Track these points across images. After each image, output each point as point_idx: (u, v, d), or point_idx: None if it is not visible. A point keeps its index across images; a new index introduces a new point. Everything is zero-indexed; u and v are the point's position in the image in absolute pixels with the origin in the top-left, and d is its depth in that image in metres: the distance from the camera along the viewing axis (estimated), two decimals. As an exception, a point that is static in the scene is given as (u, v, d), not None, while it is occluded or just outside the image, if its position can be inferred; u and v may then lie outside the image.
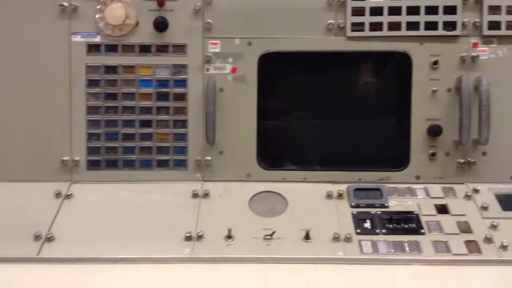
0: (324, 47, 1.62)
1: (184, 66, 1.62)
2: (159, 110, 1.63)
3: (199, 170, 1.62)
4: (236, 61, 1.62)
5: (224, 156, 1.62)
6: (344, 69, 1.68)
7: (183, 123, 1.63)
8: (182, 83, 1.63)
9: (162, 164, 1.63)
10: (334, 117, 1.67)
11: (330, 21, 1.60)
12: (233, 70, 1.62)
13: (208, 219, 1.47)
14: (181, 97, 1.63)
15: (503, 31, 1.57)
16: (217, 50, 1.62)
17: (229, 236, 1.40)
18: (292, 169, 1.64)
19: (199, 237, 1.40)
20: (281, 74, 1.67)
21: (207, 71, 1.62)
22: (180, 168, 1.63)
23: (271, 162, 1.64)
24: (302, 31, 1.61)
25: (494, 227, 1.41)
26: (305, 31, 1.61)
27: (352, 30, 1.60)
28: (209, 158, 1.62)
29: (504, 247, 1.34)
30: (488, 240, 1.37)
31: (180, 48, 1.62)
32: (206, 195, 1.56)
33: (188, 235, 1.39)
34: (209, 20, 1.61)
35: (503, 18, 1.57)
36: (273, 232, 1.41)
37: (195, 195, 1.56)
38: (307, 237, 1.39)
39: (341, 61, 1.66)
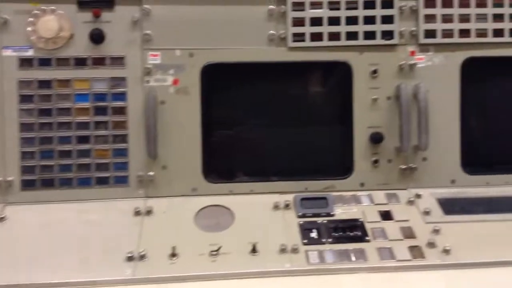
0: (266, 58, 1.61)
1: (122, 79, 1.57)
2: (97, 125, 1.56)
3: (141, 187, 1.57)
4: (177, 72, 1.58)
5: (168, 171, 1.58)
6: (287, 79, 1.68)
7: (123, 138, 1.57)
8: (121, 96, 1.57)
9: (102, 181, 1.57)
10: (279, 127, 1.66)
11: (271, 32, 1.60)
12: (175, 82, 1.59)
13: (151, 238, 1.42)
14: (121, 110, 1.57)
15: (439, 39, 1.62)
16: (158, 62, 1.58)
17: (173, 254, 1.35)
18: (238, 181, 1.62)
19: (142, 257, 1.34)
20: (224, 85, 1.64)
21: (148, 83, 1.57)
22: (121, 185, 1.57)
23: (217, 175, 1.61)
24: (244, 42, 1.60)
25: (436, 231, 1.43)
26: (247, 42, 1.60)
27: (293, 41, 1.60)
28: (151, 173, 1.57)
29: (446, 251, 1.36)
30: (431, 244, 1.39)
31: (118, 61, 1.57)
32: (149, 212, 1.50)
33: (130, 255, 1.34)
34: (148, 31, 1.57)
35: (438, 26, 1.61)
36: (219, 248, 1.37)
37: (137, 213, 1.50)
38: (253, 250, 1.37)
39: (284, 71, 1.66)
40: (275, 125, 1.66)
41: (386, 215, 1.51)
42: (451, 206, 1.52)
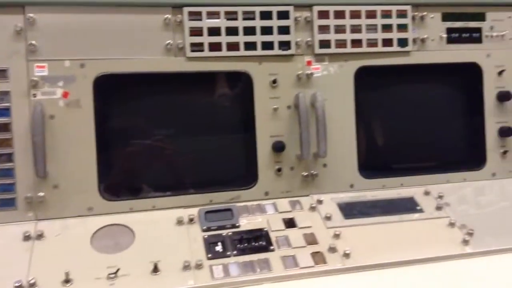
0: (164, 68, 1.56)
1: (6, 93, 1.44)
2: (-22, 144, 1.42)
3: (31, 209, 1.45)
4: (67, 84, 1.48)
5: (60, 190, 1.47)
6: (188, 89, 1.64)
7: (9, 157, 1.44)
8: (5, 112, 1.44)
9: (-14, 205, 1.42)
10: (180, 139, 1.62)
11: (168, 42, 1.55)
12: (65, 95, 1.48)
13: (42, 264, 1.30)
14: (4, 127, 1.44)
15: (333, 49, 1.67)
16: (45, 74, 1.47)
17: (66, 281, 1.25)
18: (139, 198, 1.55)
19: (32, 285, 1.23)
20: (121, 96, 1.57)
21: (34, 97, 1.46)
22: (8, 208, 1.44)
23: (115, 192, 1.53)
24: (140, 52, 1.54)
25: (337, 236, 1.47)
26: (143, 51, 1.54)
27: (192, 51, 1.57)
28: (42, 194, 1.45)
29: (346, 255, 1.40)
30: (332, 249, 1.42)
31: (0, 73, 1.44)
32: (40, 236, 1.39)
33: (18, 284, 1.22)
34: (33, 42, 1.45)
35: (332, 37, 1.67)
36: (118, 270, 1.30)
37: (26, 238, 1.38)
38: (155, 270, 1.31)
39: (184, 81, 1.62)
40: (176, 137, 1.61)
41: (290, 223, 1.52)
42: (350, 210, 1.57)
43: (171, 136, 1.61)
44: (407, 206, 1.59)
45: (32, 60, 1.46)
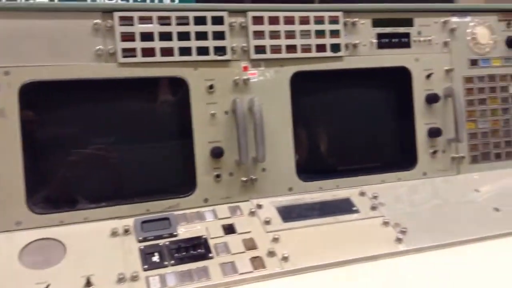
0: (95, 75, 1.51)
1: None
2: None
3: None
4: (-10, 93, 1.41)
5: (-16, 204, 1.38)
6: (121, 96, 1.59)
7: None
8: None
9: None
10: (114, 147, 1.57)
11: (99, 47, 1.51)
12: (-12, 104, 1.41)
13: (-37, 285, 1.22)
14: None
15: (268, 55, 1.68)
16: (-35, 82, 1.39)
17: (-9, 300, 1.18)
18: (70, 210, 1.48)
19: (-49, 309, 1.15)
20: (49, 105, 1.50)
21: (-47, 107, 1.37)
22: None
23: (44, 205, 1.46)
24: (69, 58, 1.48)
25: (276, 239, 1.47)
26: (72, 57, 1.48)
27: (124, 56, 1.53)
28: (-37, 211, 1.36)
29: (285, 259, 1.41)
30: (271, 253, 1.42)
31: None
32: (-39, 255, 1.30)
33: None
34: (-49, 48, 1.37)
35: (267, 42, 1.68)
36: (47, 286, 1.24)
37: None
38: (88, 284, 1.26)
39: (118, 88, 1.57)
40: (109, 146, 1.56)
41: (230, 229, 1.51)
42: (289, 213, 1.58)
43: (104, 145, 1.55)
44: (344, 207, 1.63)
45: (-50, 68, 1.37)
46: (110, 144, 1.56)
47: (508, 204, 1.74)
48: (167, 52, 1.58)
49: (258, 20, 1.67)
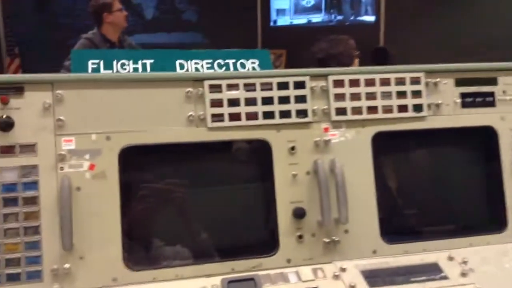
0: (187, 138, 1.61)
1: (34, 167, 1.49)
2: (6, 217, 1.46)
3: (57, 281, 1.46)
4: (93, 157, 1.53)
5: (85, 262, 1.48)
6: (210, 157, 1.68)
7: (36, 230, 1.47)
8: (33, 185, 1.49)
9: (13, 278, 1.44)
10: (202, 207, 1.64)
11: (190, 113, 1.61)
12: (91, 167, 1.53)
13: None
14: (32, 200, 1.48)
15: (349, 116, 1.71)
16: (72, 147, 1.52)
17: None
18: (162, 267, 1.55)
19: None
20: (145, 166, 1.62)
21: (62, 170, 1.51)
22: (35, 280, 1.46)
23: (139, 262, 1.54)
24: (163, 123, 1.60)
25: (362, 305, 1.45)
26: (166, 123, 1.60)
27: (213, 121, 1.63)
28: (67, 265, 1.46)
29: (372, 326, 1.38)
30: (358, 320, 1.40)
31: (28, 148, 1.49)
32: (64, 308, 1.39)
33: None
34: (61, 117, 1.52)
35: (348, 104, 1.71)
36: None
37: (51, 311, 1.39)
38: None
39: (208, 150, 1.65)
40: (198, 206, 1.64)
41: (313, 292, 1.51)
42: (374, 278, 1.55)
43: (193, 205, 1.64)
44: (432, 272, 1.57)
45: (60, 134, 1.52)
46: (199, 204, 1.64)
47: None
48: (251, 116, 1.66)
49: (338, 83, 1.72)
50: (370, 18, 6.90)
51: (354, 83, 1.72)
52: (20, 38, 6.20)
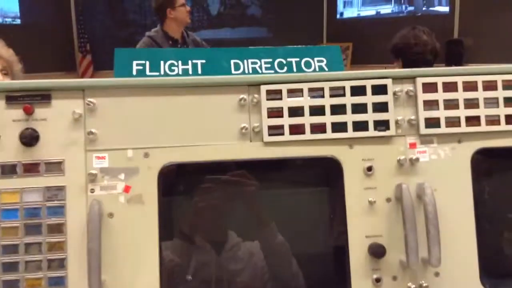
0: (238, 156, 1.33)
1: (60, 189, 1.27)
2: (28, 247, 1.25)
3: (83, 323, 1.24)
4: (129, 177, 1.29)
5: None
6: (265, 177, 1.39)
7: (61, 263, 1.25)
8: (59, 210, 1.27)
9: (35, 318, 1.24)
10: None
11: (243, 125, 1.33)
12: (126, 189, 1.29)
13: None
14: (58, 228, 1.26)
15: (443, 129, 1.36)
16: (105, 165, 1.29)
17: None
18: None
19: None
20: (187, 188, 1.36)
21: (92, 192, 1.28)
22: (59, 322, 1.24)
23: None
24: (210, 138, 1.33)
25: None
26: (214, 137, 1.33)
27: (270, 134, 1.33)
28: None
29: None
30: None
31: (55, 166, 1.28)
32: None
33: None
34: (93, 130, 1.29)
35: (441, 113, 1.36)
36: None
37: None
38: None
39: (263, 168, 1.37)
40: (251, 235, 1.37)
41: None
42: None
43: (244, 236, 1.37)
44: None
45: (91, 150, 1.29)
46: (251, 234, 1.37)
47: None
48: (318, 128, 1.35)
49: (430, 87, 1.37)
50: (444, 9, 6.37)
51: (450, 87, 1.36)
52: (91, 35, 6.44)
